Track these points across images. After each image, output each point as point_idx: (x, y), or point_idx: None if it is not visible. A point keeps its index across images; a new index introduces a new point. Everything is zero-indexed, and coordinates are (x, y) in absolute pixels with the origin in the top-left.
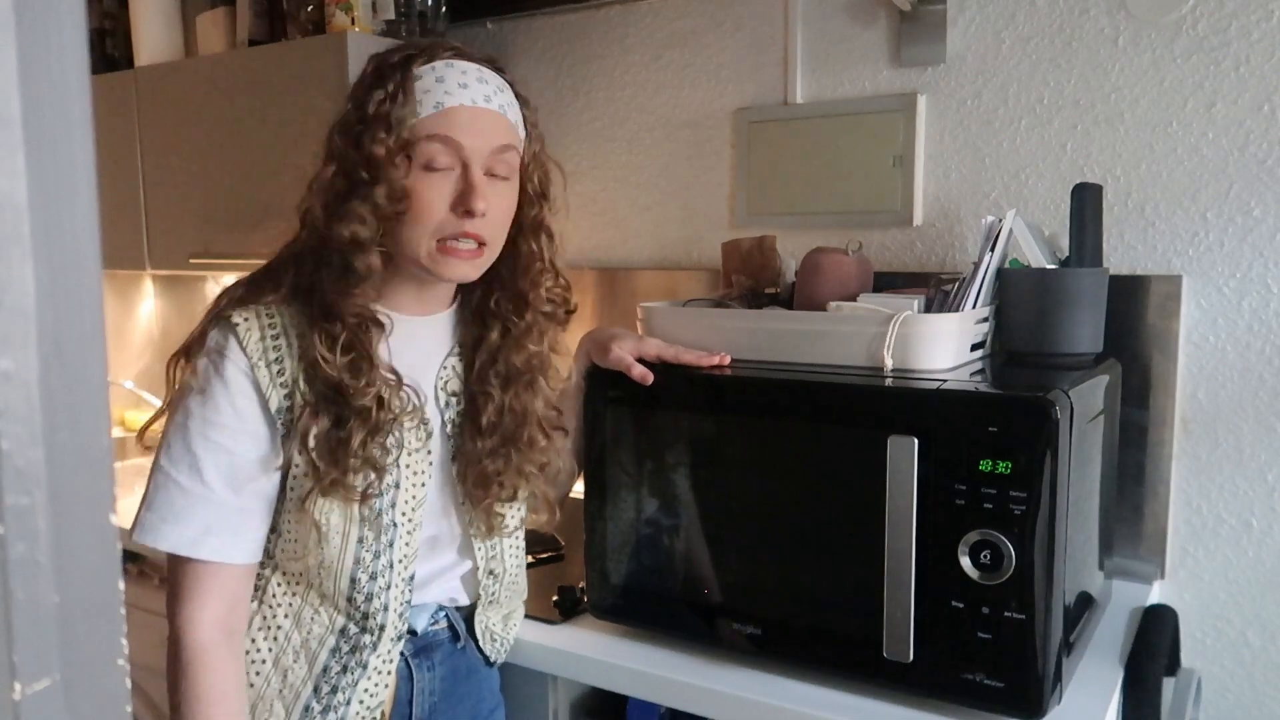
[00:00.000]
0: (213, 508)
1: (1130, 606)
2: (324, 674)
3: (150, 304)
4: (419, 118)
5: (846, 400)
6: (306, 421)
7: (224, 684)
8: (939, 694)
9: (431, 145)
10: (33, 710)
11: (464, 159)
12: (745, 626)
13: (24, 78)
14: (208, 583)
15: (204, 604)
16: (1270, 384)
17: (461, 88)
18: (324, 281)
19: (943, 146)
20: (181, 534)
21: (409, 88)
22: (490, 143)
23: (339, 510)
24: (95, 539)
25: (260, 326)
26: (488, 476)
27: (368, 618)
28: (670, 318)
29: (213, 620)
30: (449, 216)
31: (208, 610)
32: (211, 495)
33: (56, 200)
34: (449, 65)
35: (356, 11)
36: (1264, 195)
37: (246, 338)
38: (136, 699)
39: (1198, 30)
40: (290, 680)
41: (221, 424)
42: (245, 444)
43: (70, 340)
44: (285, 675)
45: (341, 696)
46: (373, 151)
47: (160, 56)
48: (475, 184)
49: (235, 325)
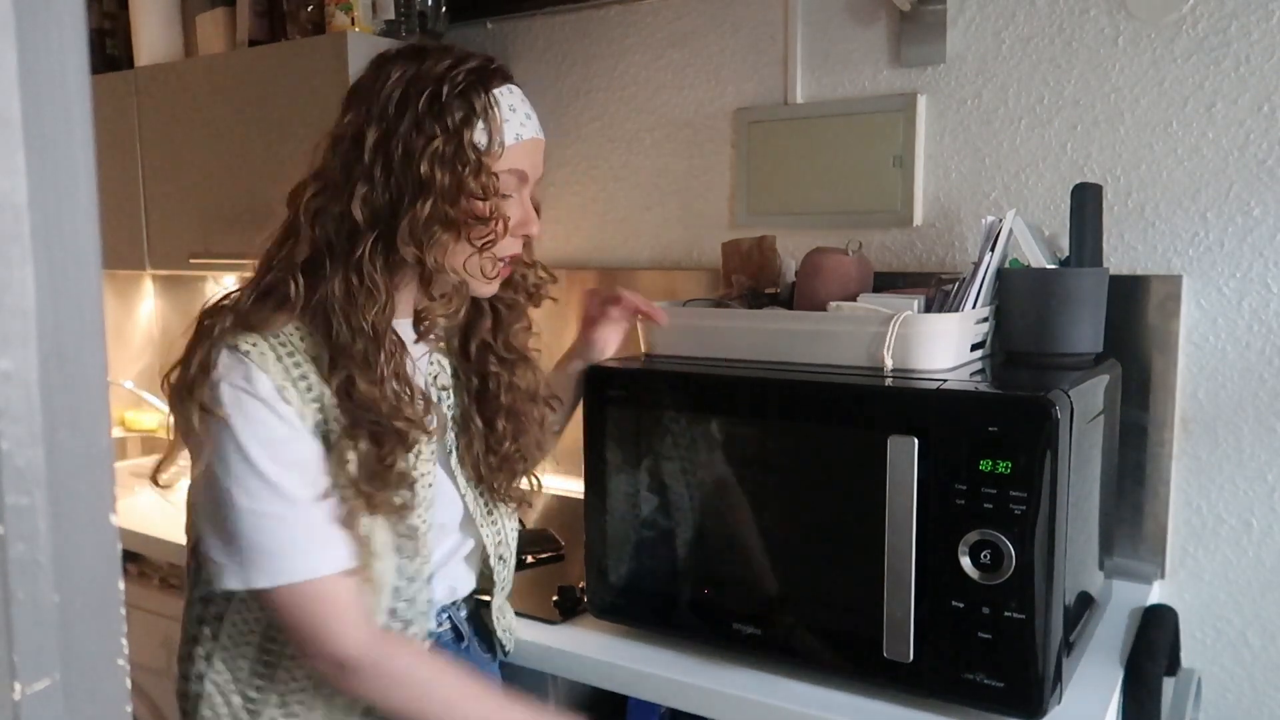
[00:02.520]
0: (311, 523)
1: (1130, 606)
2: None
3: (150, 304)
4: (505, 149)
5: (846, 400)
6: (343, 444)
7: (428, 668)
8: (939, 694)
9: (510, 178)
10: (33, 710)
11: (525, 187)
12: (745, 626)
13: (24, 78)
14: (338, 594)
15: (346, 617)
16: (1270, 384)
17: (528, 118)
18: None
19: (943, 146)
20: (297, 562)
21: (494, 115)
22: (540, 171)
23: (381, 524)
24: (95, 539)
25: (272, 348)
26: (510, 457)
27: (409, 624)
28: (670, 318)
29: (363, 625)
30: (513, 241)
31: (351, 619)
32: (305, 512)
33: (56, 200)
34: (510, 92)
35: (356, 11)
36: (1264, 195)
37: (262, 362)
38: (136, 699)
39: (1198, 30)
40: (338, 701)
41: (279, 439)
42: (306, 449)
43: (70, 340)
44: (330, 698)
45: None
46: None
47: (160, 56)
48: (532, 211)
49: (245, 353)
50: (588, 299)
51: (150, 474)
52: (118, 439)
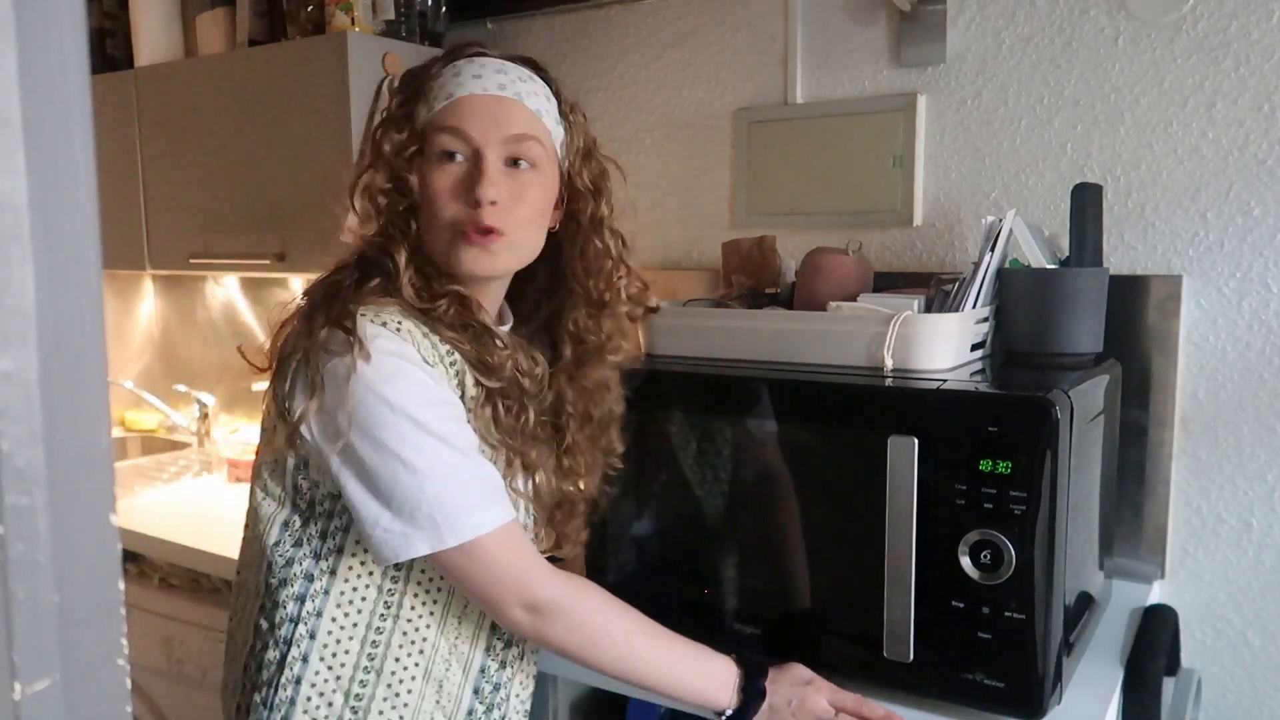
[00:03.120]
0: (485, 474)
1: (1130, 606)
2: (482, 674)
3: (150, 304)
4: (433, 112)
5: (846, 400)
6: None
7: (614, 605)
8: (939, 694)
9: (441, 136)
10: (32, 710)
11: (475, 147)
12: (745, 626)
13: (24, 77)
14: (523, 540)
15: (537, 561)
16: (1270, 384)
17: (475, 78)
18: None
19: (943, 146)
20: (487, 513)
21: (426, 86)
22: (503, 130)
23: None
24: (95, 539)
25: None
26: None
27: None
28: (670, 318)
29: (549, 565)
30: (461, 207)
31: (540, 563)
32: (478, 464)
33: (56, 200)
34: (469, 61)
35: (356, 11)
36: (1264, 195)
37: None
38: (136, 699)
39: (1198, 30)
40: (448, 686)
41: (439, 399)
42: (460, 409)
43: (70, 340)
44: (441, 685)
45: (503, 694)
46: (382, 148)
47: (160, 56)
48: (485, 172)
49: (384, 323)
50: None
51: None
52: (118, 439)
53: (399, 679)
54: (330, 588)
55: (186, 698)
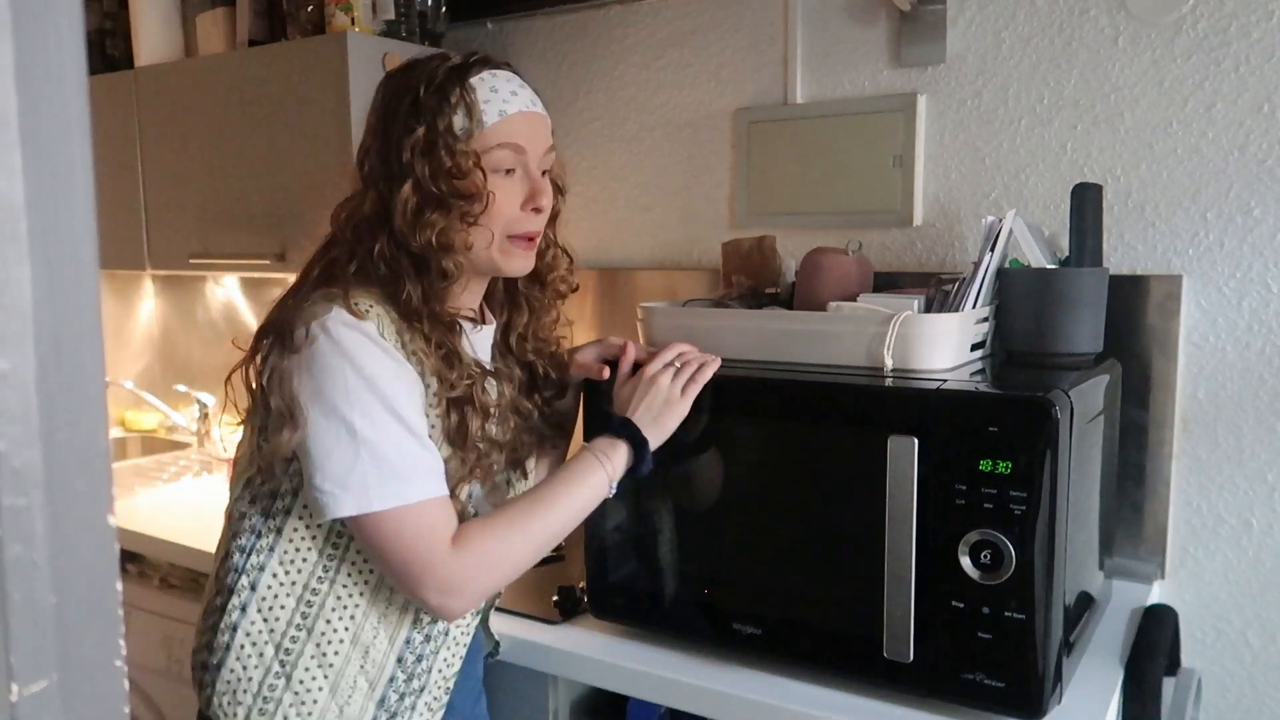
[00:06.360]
0: (425, 455)
1: (1130, 606)
2: (407, 645)
3: (150, 304)
4: (485, 127)
5: (846, 400)
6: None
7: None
8: (939, 694)
9: (501, 152)
10: (30, 711)
11: (525, 161)
12: (745, 626)
13: (21, 77)
14: (440, 521)
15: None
16: (1270, 384)
17: (514, 94)
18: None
19: (943, 146)
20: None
21: (471, 99)
22: (543, 144)
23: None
24: (93, 540)
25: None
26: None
27: None
28: (670, 318)
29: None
30: (518, 214)
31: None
32: (421, 444)
33: (54, 200)
34: (494, 74)
35: (356, 11)
36: (1264, 195)
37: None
38: (136, 699)
39: (1198, 30)
40: (374, 654)
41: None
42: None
43: (68, 340)
44: (367, 652)
45: (424, 665)
46: (456, 163)
47: (160, 56)
48: (540, 184)
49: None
50: (599, 349)
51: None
52: (117, 439)
53: (328, 640)
54: (275, 545)
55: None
